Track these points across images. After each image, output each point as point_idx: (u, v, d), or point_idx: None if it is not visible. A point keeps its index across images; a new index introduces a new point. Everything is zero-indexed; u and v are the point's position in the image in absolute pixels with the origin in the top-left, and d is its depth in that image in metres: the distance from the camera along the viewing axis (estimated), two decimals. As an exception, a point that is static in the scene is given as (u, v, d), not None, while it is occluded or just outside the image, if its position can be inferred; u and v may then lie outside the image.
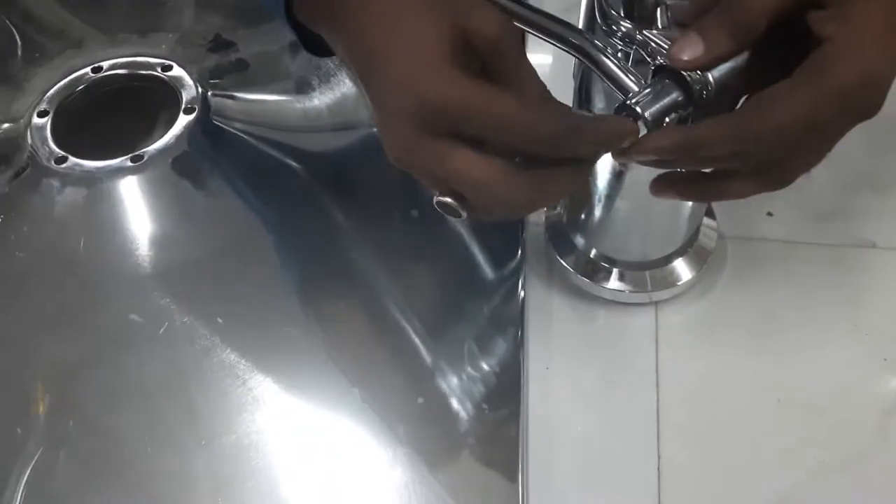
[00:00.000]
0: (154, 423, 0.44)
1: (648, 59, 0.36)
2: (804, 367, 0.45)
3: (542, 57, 0.55)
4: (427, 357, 0.46)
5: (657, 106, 0.34)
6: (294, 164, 0.54)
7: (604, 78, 0.36)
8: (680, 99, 0.34)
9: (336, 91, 0.58)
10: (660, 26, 0.36)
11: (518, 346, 0.46)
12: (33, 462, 0.43)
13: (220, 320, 0.47)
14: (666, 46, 0.35)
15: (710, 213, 0.49)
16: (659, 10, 0.36)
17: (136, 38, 0.60)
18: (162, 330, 0.47)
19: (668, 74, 0.34)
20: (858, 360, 0.45)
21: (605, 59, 0.36)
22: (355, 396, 0.44)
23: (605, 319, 0.48)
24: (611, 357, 0.47)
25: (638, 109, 0.34)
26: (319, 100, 0.58)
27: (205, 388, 0.45)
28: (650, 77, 0.36)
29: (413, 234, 0.51)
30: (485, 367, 0.46)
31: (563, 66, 0.43)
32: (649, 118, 0.34)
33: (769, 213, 0.52)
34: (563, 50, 0.36)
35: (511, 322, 0.47)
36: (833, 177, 0.52)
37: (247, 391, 0.45)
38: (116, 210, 0.51)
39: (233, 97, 0.57)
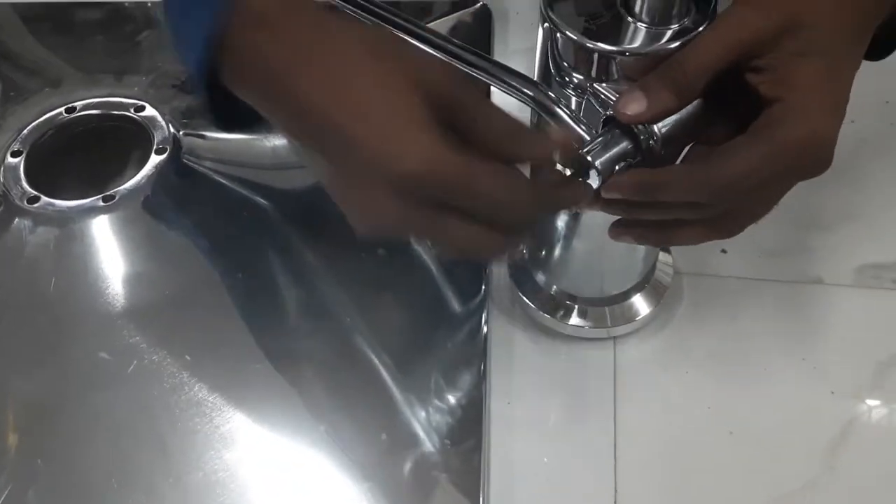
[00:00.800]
0: (122, 460, 0.45)
1: (599, 109, 0.38)
2: (755, 400, 0.47)
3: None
4: (392, 392, 0.47)
5: (607, 155, 0.36)
6: (263, 201, 0.56)
7: (557, 127, 0.38)
8: (629, 148, 0.36)
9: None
10: (609, 79, 0.38)
11: (481, 380, 0.47)
12: (2, 499, 0.43)
13: (188, 358, 0.48)
14: (614, 99, 0.37)
15: (665, 249, 0.51)
16: (610, 63, 0.38)
17: (110, 79, 0.62)
18: (131, 368, 0.48)
19: (617, 125, 0.36)
20: (807, 394, 0.47)
21: (557, 109, 0.38)
22: (321, 433, 0.45)
23: (565, 354, 0.50)
24: (571, 391, 0.49)
25: (589, 158, 0.36)
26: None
27: (173, 426, 0.46)
28: (601, 127, 0.38)
29: (379, 271, 0.52)
30: (448, 401, 0.47)
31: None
32: (600, 167, 0.36)
33: (723, 251, 0.54)
34: (518, 99, 0.38)
35: (474, 357, 0.48)
36: (782, 216, 0.54)
37: (214, 428, 0.46)
38: (87, 249, 0.52)
39: (203, 136, 0.58)
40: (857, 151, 0.58)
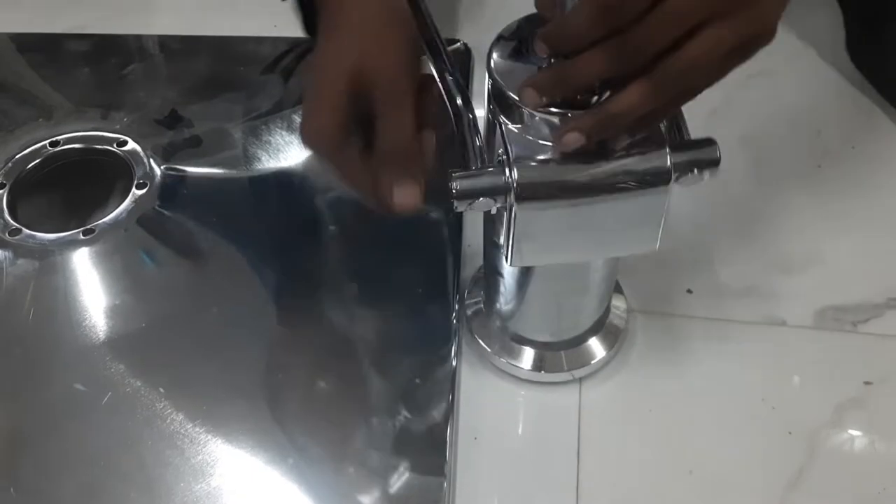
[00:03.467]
0: (95, 491, 0.46)
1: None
2: (715, 440, 0.48)
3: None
4: (361, 426, 0.48)
5: (469, 182, 0.38)
6: (240, 239, 0.57)
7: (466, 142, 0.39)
8: (496, 187, 0.38)
9: (282, 163, 0.61)
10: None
11: (448, 417, 0.48)
12: (-26, 528, 0.44)
13: (162, 390, 0.49)
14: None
15: (619, 290, 0.53)
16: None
17: (96, 112, 0.63)
18: (105, 399, 0.49)
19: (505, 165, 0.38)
20: (765, 433, 0.48)
21: (466, 131, 0.39)
22: (290, 465, 0.46)
23: (531, 394, 0.51)
24: (536, 430, 0.50)
25: (454, 183, 0.37)
26: (267, 173, 0.61)
27: (145, 457, 0.46)
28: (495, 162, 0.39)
29: (351, 309, 0.53)
30: (416, 436, 0.48)
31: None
32: (455, 189, 0.38)
33: (689, 291, 0.55)
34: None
35: (442, 394, 0.49)
36: (748, 258, 0.56)
37: (185, 460, 0.46)
38: (66, 282, 0.53)
39: (184, 172, 0.60)
40: (823, 194, 0.60)
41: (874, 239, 0.58)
